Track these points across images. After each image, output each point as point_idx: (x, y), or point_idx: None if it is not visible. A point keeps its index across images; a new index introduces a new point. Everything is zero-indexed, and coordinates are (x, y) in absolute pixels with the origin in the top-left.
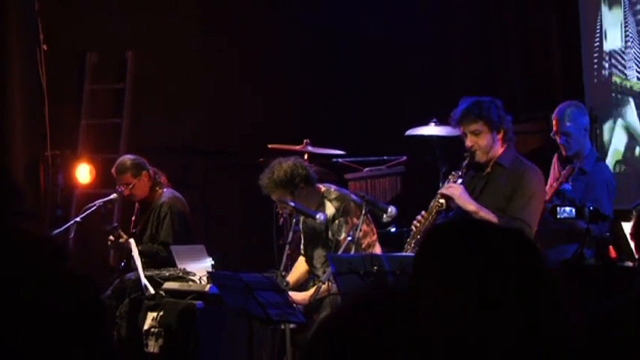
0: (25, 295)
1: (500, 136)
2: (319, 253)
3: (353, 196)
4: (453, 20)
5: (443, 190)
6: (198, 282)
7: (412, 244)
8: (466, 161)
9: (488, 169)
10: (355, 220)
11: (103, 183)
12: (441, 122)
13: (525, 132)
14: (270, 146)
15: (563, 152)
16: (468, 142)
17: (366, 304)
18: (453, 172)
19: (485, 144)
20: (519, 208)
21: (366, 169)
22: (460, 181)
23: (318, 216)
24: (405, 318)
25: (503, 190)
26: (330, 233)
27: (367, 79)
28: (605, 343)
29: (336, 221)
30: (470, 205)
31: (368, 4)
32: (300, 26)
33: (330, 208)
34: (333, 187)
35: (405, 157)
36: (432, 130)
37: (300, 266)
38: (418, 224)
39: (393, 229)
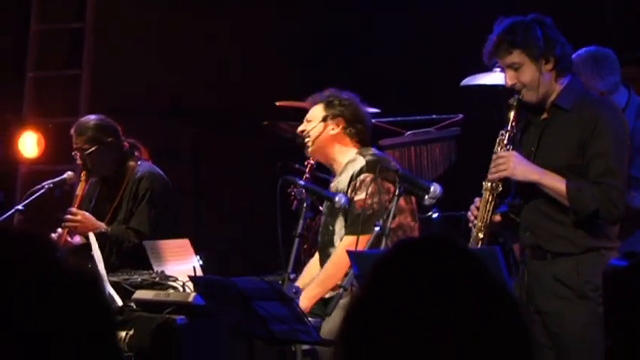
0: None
1: (549, 66)
2: (340, 226)
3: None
4: None
5: (492, 175)
6: (181, 289)
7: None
8: (513, 111)
9: (545, 115)
10: (389, 185)
11: (56, 157)
12: None
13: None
14: (278, 104)
15: None
16: (508, 80)
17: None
18: (502, 132)
19: (530, 79)
20: (601, 166)
21: (409, 132)
22: (508, 144)
23: (337, 198)
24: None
25: (571, 142)
26: (349, 190)
27: (406, 10)
28: None
29: (362, 175)
30: (532, 174)
31: None
32: None
33: (361, 162)
34: (374, 149)
35: (460, 116)
36: (497, 78)
37: (314, 268)
38: (474, 219)
39: (435, 215)
